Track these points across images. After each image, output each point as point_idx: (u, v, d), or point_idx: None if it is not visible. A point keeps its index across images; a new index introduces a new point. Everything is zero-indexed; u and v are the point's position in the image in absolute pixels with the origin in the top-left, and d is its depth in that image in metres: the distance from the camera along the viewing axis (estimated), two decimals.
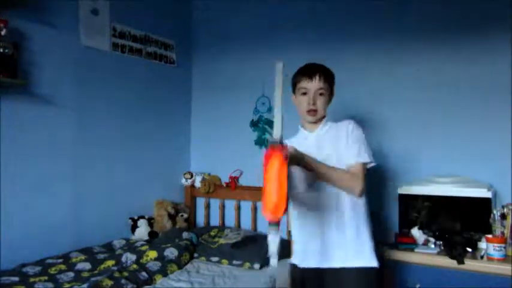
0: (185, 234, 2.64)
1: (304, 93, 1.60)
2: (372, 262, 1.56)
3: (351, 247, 1.55)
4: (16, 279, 1.89)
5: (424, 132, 2.44)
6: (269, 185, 1.01)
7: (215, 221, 3.13)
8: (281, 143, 1.08)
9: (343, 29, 2.71)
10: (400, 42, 2.53)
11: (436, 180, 2.21)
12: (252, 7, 3.07)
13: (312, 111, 1.60)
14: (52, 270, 2.06)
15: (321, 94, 1.59)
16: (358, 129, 1.60)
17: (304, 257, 1.62)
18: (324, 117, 1.65)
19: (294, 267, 1.67)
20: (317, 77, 1.58)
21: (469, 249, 1.94)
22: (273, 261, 1.05)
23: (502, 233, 1.92)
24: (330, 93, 1.64)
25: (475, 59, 2.32)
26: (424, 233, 2.10)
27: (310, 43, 2.79)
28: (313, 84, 1.58)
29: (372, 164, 1.58)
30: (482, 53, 2.31)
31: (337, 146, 1.58)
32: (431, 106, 2.42)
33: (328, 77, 1.62)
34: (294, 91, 1.67)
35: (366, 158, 1.55)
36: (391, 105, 2.54)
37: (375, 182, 2.56)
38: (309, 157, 1.43)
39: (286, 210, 1.05)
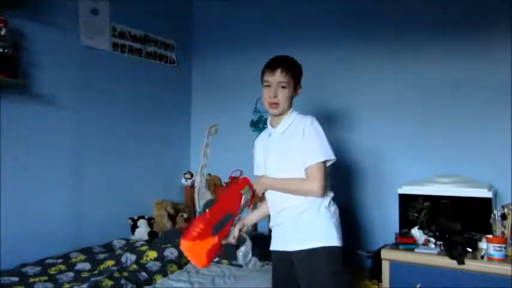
0: None
1: (268, 86, 1.60)
2: (331, 241, 1.55)
3: (307, 230, 1.57)
4: (16, 279, 1.89)
5: (424, 132, 2.43)
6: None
7: None
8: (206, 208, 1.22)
9: (343, 29, 2.71)
10: (400, 42, 2.52)
11: (436, 180, 2.21)
12: (252, 7, 3.07)
13: (274, 104, 1.60)
14: (52, 271, 2.06)
15: (282, 87, 1.59)
16: (315, 128, 1.58)
17: (273, 241, 1.71)
18: (289, 110, 1.65)
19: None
20: (279, 70, 1.58)
21: (469, 250, 1.93)
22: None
23: (503, 233, 1.91)
24: (294, 87, 1.63)
25: (475, 58, 2.32)
26: (424, 233, 2.09)
27: (310, 43, 2.79)
28: (275, 77, 1.58)
29: (332, 159, 1.57)
30: (483, 52, 2.30)
31: (293, 145, 1.59)
32: (431, 106, 2.42)
33: (291, 71, 1.60)
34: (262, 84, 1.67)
35: (321, 157, 1.53)
36: (390, 105, 2.54)
37: (375, 182, 2.56)
38: (268, 183, 1.64)
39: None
